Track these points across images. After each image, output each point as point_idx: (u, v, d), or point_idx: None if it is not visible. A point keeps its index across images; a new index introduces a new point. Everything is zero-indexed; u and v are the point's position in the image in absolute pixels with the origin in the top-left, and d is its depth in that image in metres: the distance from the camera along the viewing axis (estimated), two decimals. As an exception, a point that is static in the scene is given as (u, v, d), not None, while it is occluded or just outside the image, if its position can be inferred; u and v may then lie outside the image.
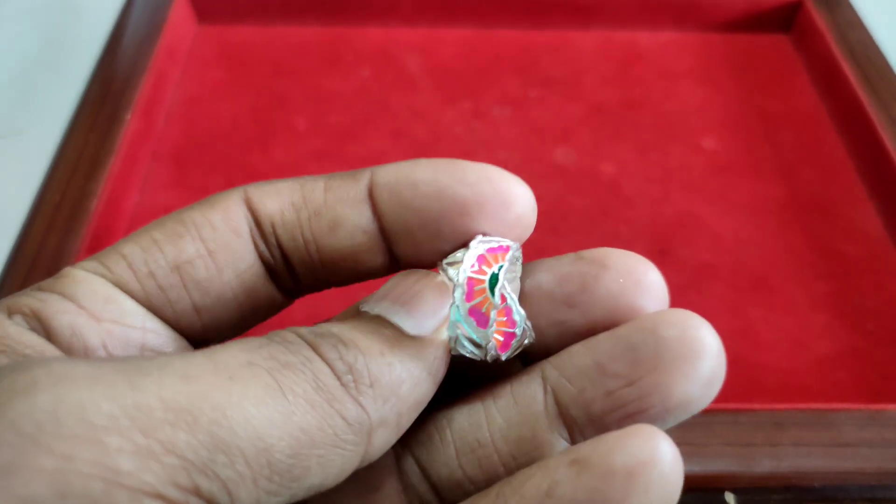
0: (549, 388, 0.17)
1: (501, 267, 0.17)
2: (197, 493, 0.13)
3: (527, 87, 0.47)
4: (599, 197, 0.41)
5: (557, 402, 0.17)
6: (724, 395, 0.34)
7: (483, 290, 0.17)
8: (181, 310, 0.17)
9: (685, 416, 0.16)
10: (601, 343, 0.17)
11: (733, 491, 0.27)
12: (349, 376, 0.15)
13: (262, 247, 0.18)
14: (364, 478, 0.18)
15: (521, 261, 0.18)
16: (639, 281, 0.17)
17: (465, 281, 0.17)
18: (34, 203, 0.38)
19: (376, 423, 0.15)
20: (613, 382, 0.16)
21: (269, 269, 0.18)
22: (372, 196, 0.18)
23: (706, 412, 0.29)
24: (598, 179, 0.42)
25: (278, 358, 0.14)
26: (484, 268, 0.17)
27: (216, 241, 0.17)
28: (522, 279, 0.18)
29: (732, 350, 0.34)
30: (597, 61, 0.49)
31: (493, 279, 0.17)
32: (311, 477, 0.14)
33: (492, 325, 0.17)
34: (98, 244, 0.37)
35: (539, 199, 0.18)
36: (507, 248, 0.17)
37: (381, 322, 0.16)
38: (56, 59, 0.52)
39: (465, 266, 0.17)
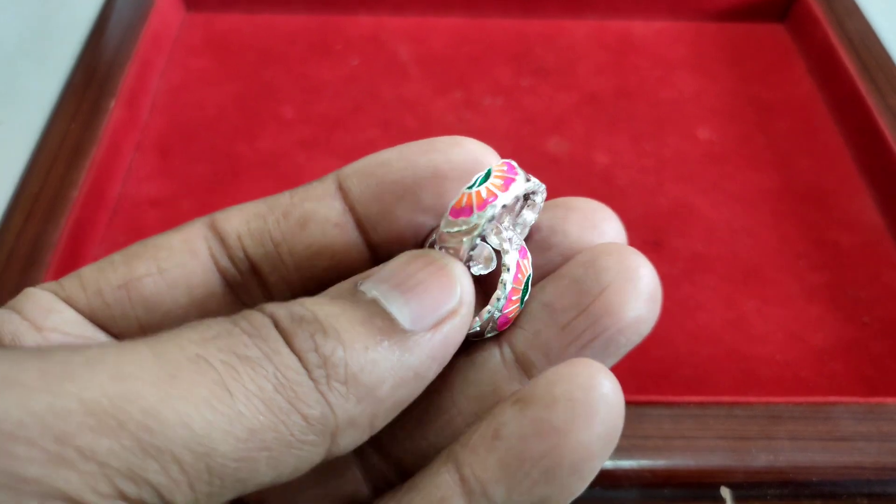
0: (503, 341, 0.17)
1: (530, 276, 0.17)
2: (122, 497, 0.12)
3: (519, 76, 0.47)
4: (593, 187, 0.40)
5: (514, 351, 0.17)
6: (718, 388, 0.33)
7: (517, 301, 0.17)
8: (126, 326, 0.17)
9: (637, 337, 0.16)
10: (545, 287, 0.17)
11: (728, 485, 0.27)
12: (321, 370, 0.14)
13: (226, 263, 0.18)
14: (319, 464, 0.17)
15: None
16: (595, 223, 0.18)
17: (509, 293, 0.16)
18: (14, 192, 0.37)
19: (344, 423, 0.14)
20: (565, 316, 0.16)
21: (233, 285, 0.18)
22: (342, 188, 0.18)
23: (700, 404, 0.29)
24: (591, 169, 0.41)
25: (236, 351, 0.13)
26: (519, 275, 0.17)
27: (169, 261, 0.17)
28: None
29: (727, 343, 0.34)
30: (590, 50, 0.48)
31: (525, 288, 0.17)
32: (260, 476, 0.13)
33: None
34: (79, 234, 0.36)
35: None
36: (525, 250, 0.17)
37: (374, 309, 0.15)
38: (39, 46, 0.51)
39: (509, 277, 0.16)
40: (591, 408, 0.14)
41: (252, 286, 0.18)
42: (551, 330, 0.17)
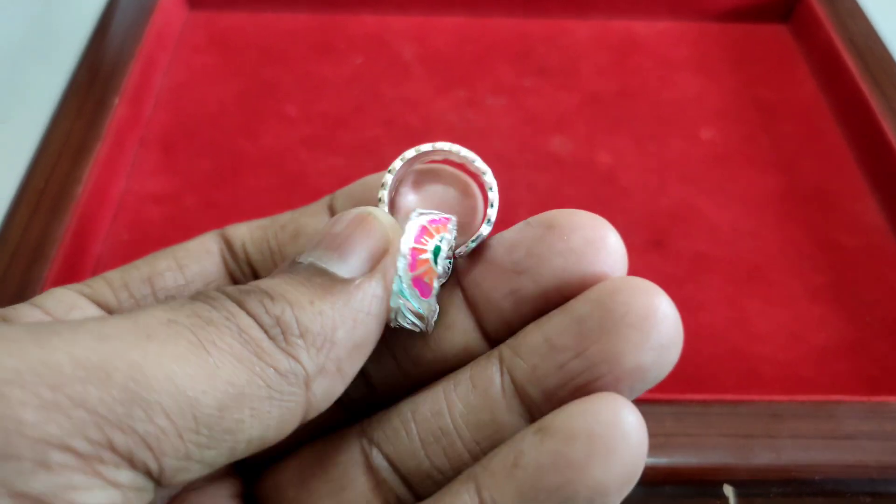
0: (504, 370, 0.17)
1: (443, 238, 0.18)
2: (111, 447, 0.13)
3: (522, 76, 0.47)
4: (595, 187, 0.40)
5: (514, 382, 0.17)
6: (721, 387, 0.33)
7: (427, 261, 0.17)
8: None
9: (642, 385, 0.16)
10: (552, 319, 0.17)
11: (731, 483, 0.27)
12: (276, 329, 0.15)
13: (233, 265, 0.20)
14: (334, 478, 0.18)
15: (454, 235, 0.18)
16: (590, 240, 0.17)
17: (409, 252, 0.17)
18: (18, 189, 0.37)
19: (313, 372, 0.15)
20: (562, 356, 0.16)
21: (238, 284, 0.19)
22: (331, 207, 0.20)
23: (703, 402, 0.29)
24: (594, 170, 0.41)
25: (201, 315, 0.14)
26: (425, 238, 0.17)
27: (187, 258, 0.20)
28: (475, 254, 0.18)
29: (729, 342, 0.34)
30: (593, 50, 0.48)
31: (437, 250, 0.17)
32: (247, 430, 0.14)
33: (434, 295, 0.17)
34: (83, 230, 0.36)
35: (534, 189, 0.19)
36: (447, 220, 0.18)
37: (313, 270, 0.16)
38: (43, 44, 0.51)
39: (406, 237, 0.17)
40: (611, 444, 0.14)
41: None
42: (549, 366, 0.16)
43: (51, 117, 0.41)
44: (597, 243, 0.17)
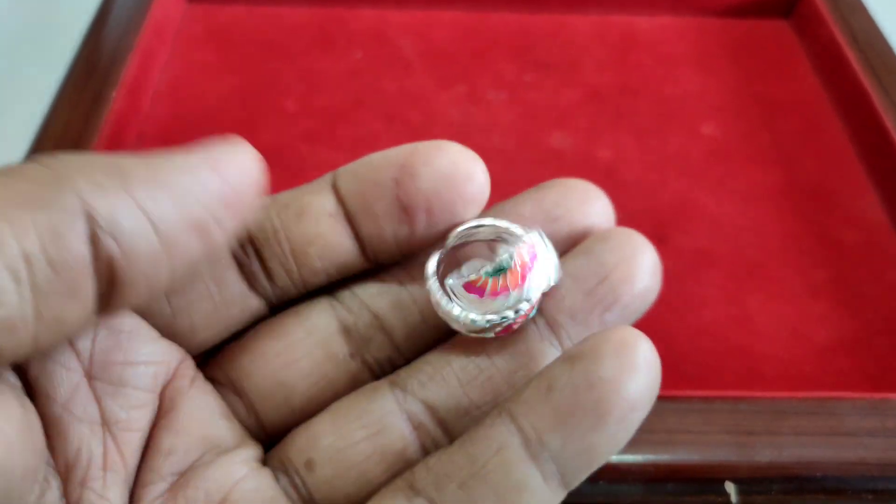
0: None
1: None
2: None
3: (523, 71, 0.46)
4: (596, 182, 0.40)
5: (544, 314, 0.19)
6: (722, 383, 0.33)
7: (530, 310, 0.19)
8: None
9: (645, 304, 0.19)
10: (566, 262, 0.19)
11: (733, 480, 0.26)
12: None
13: (236, 247, 0.20)
14: (370, 423, 0.19)
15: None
16: (592, 202, 0.21)
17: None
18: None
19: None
20: (588, 283, 0.19)
21: (243, 267, 0.20)
22: (335, 185, 0.20)
23: (704, 399, 0.29)
24: (595, 165, 0.41)
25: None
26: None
27: None
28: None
29: (730, 338, 0.34)
30: (593, 46, 0.48)
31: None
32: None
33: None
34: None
35: (534, 183, 0.21)
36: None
37: None
38: (40, 36, 0.50)
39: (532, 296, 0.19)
40: (636, 363, 0.16)
41: (260, 274, 0.20)
42: (577, 295, 0.19)
43: (47, 110, 0.40)
44: (600, 200, 0.21)
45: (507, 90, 0.45)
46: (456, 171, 0.19)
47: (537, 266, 0.19)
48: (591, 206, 0.20)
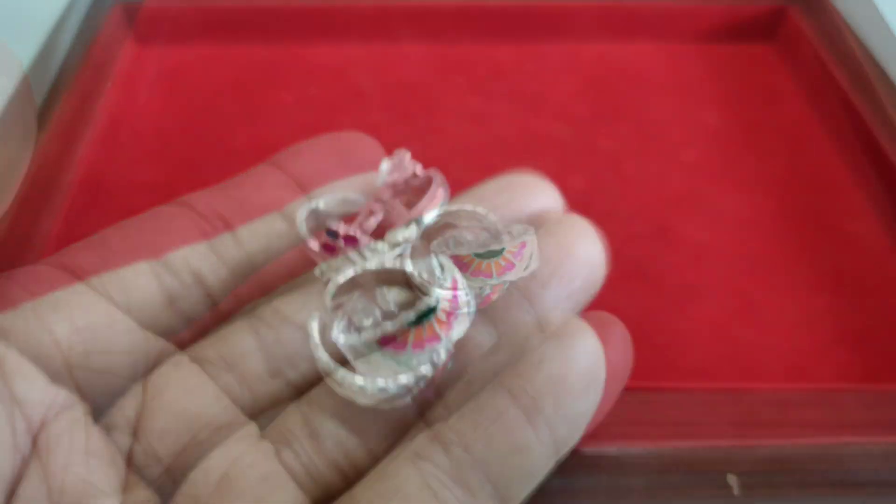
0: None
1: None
2: None
3: (489, 101, 0.44)
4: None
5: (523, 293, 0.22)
6: (724, 375, 0.33)
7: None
8: None
9: (601, 279, 0.23)
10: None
11: (735, 472, 0.26)
12: None
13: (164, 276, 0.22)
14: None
15: None
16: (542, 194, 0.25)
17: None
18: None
19: None
20: (553, 263, 0.22)
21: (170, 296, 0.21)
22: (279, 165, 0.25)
23: (707, 391, 0.28)
24: (566, 195, 0.38)
25: None
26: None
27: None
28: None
29: (733, 331, 0.34)
30: (566, 74, 0.46)
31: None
32: None
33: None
34: (73, 219, 0.36)
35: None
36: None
37: None
38: (39, 31, 0.50)
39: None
40: (614, 338, 0.21)
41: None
42: (545, 271, 0.22)
43: (42, 101, 0.40)
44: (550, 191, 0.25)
45: (472, 123, 0.43)
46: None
47: (461, 304, 0.19)
48: (542, 198, 0.24)
